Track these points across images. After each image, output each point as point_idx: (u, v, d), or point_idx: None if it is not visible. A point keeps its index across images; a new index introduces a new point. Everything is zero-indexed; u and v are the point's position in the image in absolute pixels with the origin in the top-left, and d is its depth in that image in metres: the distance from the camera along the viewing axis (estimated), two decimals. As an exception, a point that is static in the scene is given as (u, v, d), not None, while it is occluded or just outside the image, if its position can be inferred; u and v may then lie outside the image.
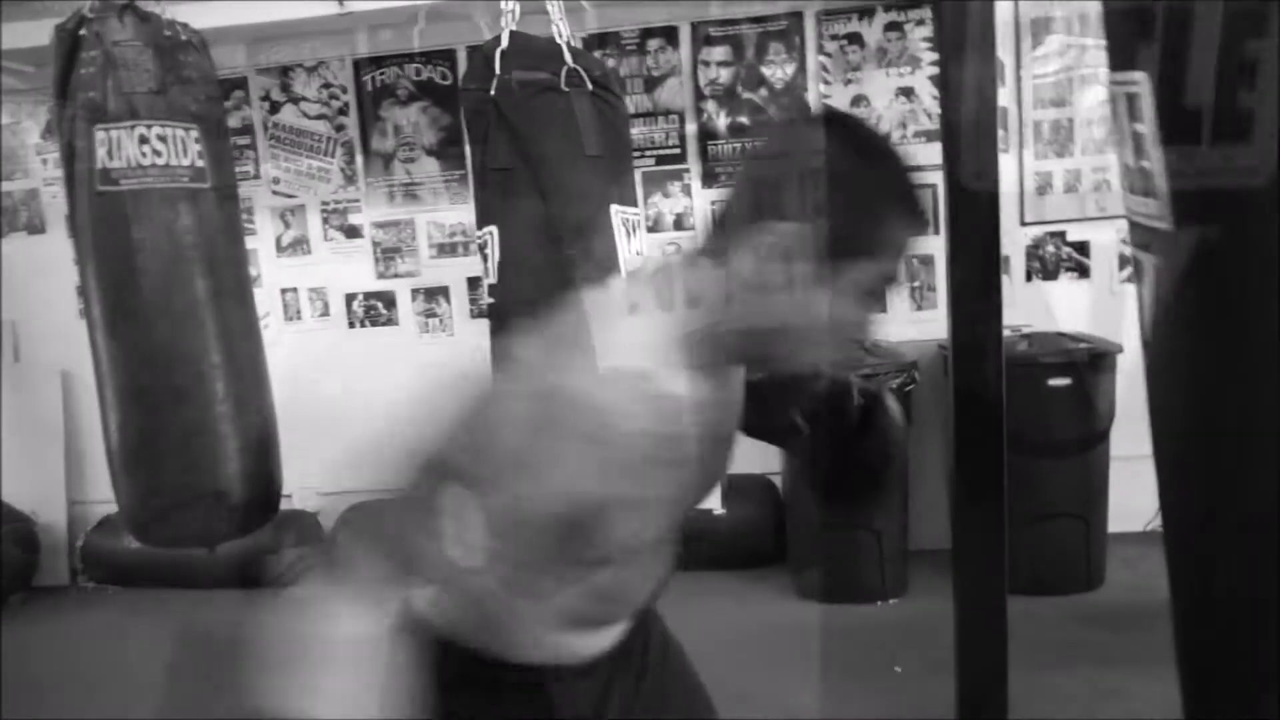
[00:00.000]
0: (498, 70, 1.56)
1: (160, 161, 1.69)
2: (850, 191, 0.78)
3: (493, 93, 1.56)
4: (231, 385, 1.78)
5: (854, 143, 0.82)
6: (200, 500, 1.77)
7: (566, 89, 1.56)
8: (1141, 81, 0.75)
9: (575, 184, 1.56)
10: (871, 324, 0.86)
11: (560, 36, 1.62)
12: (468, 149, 1.79)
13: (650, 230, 3.62)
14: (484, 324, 1.92)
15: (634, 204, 1.66)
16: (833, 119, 0.96)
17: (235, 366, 1.80)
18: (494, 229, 1.61)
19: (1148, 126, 0.75)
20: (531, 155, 1.55)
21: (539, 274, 1.56)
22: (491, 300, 1.67)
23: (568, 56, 1.59)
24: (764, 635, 2.81)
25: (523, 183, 1.56)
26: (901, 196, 0.80)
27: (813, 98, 3.46)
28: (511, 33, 1.60)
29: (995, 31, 1.49)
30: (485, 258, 1.64)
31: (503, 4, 1.62)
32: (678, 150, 3.56)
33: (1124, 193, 0.86)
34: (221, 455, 1.77)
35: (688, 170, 3.58)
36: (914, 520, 3.15)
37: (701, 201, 3.58)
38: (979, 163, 1.42)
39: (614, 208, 1.60)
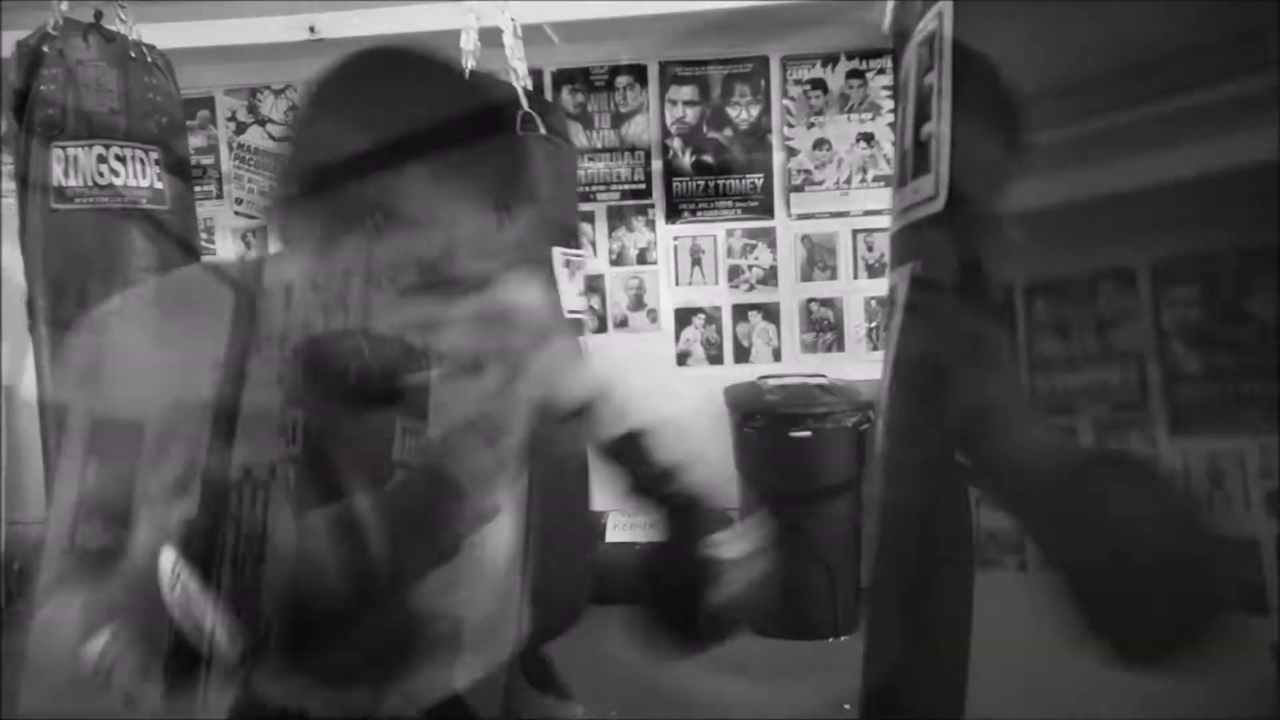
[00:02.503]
0: None
1: (118, 182, 1.68)
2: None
3: None
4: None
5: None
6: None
7: (519, 132, 1.61)
8: (945, 13, 0.55)
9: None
10: (441, 318, 0.64)
11: (517, 80, 1.65)
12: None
13: (614, 263, 3.65)
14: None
15: (578, 246, 1.72)
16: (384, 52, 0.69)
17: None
18: None
19: (940, 72, 0.56)
20: None
21: None
22: None
23: (524, 101, 1.62)
24: (714, 669, 2.80)
25: None
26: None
27: (777, 139, 3.54)
28: (471, 72, 1.63)
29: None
30: None
31: (462, 43, 1.66)
32: (643, 186, 3.61)
33: (893, 195, 0.62)
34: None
35: (652, 205, 3.62)
36: (867, 557, 3.18)
37: (665, 236, 3.62)
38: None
39: (557, 249, 1.65)
